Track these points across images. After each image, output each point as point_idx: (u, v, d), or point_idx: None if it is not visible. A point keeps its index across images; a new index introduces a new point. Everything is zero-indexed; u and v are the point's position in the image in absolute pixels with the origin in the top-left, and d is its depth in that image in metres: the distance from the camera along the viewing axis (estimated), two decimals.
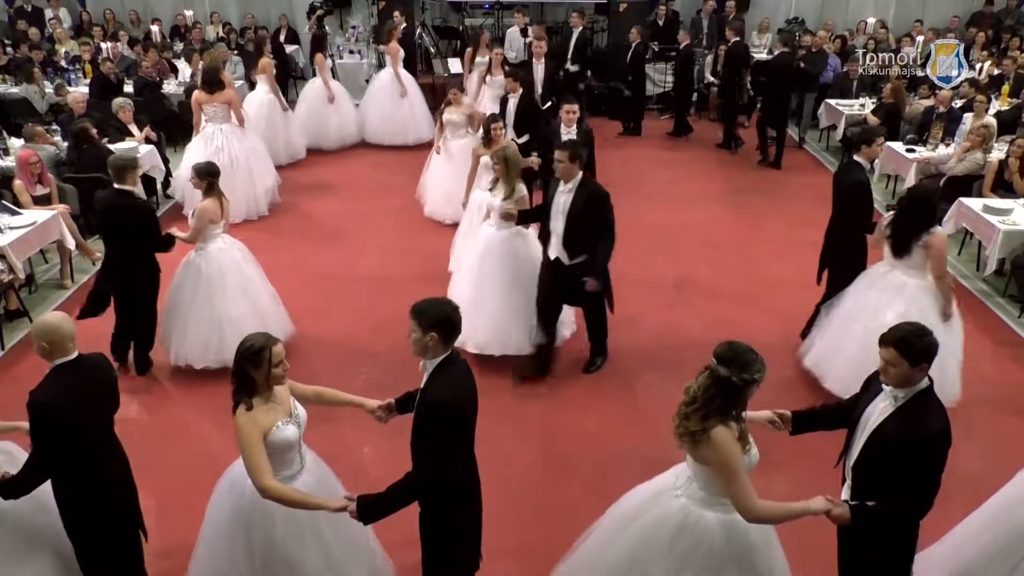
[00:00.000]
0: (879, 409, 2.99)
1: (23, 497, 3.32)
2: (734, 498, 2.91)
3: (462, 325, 3.12)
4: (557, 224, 5.17)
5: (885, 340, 2.92)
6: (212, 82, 8.19)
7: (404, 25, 11.61)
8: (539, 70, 9.57)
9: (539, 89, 9.31)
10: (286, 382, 3.25)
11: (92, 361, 3.42)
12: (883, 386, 3.00)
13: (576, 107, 6.78)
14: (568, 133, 6.57)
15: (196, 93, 8.40)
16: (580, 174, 5.12)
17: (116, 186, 5.29)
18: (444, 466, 3.08)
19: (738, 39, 10.91)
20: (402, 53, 10.73)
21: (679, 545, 3.09)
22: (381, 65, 11.59)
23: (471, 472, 3.31)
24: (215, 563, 3.39)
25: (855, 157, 5.62)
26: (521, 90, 8.12)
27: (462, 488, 3.25)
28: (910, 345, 2.86)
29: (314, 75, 11.06)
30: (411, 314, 3.08)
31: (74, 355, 3.32)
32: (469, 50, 10.76)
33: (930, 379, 2.95)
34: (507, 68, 9.42)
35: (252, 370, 3.08)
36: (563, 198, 5.12)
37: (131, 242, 5.35)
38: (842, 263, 5.64)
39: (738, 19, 12.71)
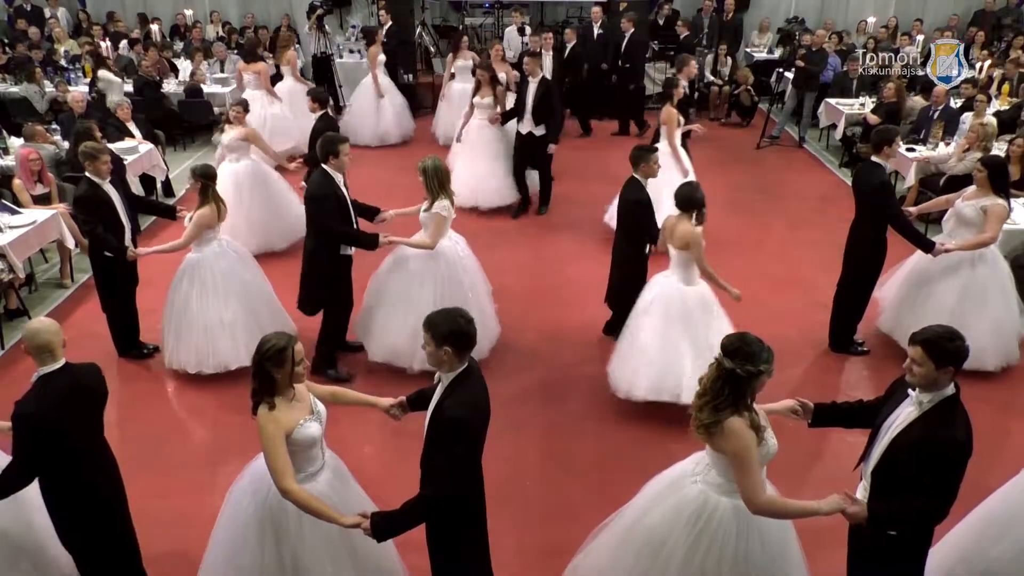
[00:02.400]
0: (904, 414, 2.99)
1: (2, 512, 3.32)
2: (741, 487, 2.95)
3: (476, 338, 3.07)
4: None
5: (914, 339, 2.93)
6: (249, 53, 10.18)
7: (390, 24, 11.53)
8: (547, 60, 9.16)
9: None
10: (305, 380, 3.25)
11: (80, 370, 3.39)
12: (908, 392, 3.01)
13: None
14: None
15: (239, 63, 10.49)
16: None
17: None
18: (458, 483, 3.06)
19: (633, 30, 10.79)
20: (382, 57, 10.61)
21: (696, 529, 3.14)
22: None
23: (479, 482, 3.30)
24: (238, 565, 3.31)
25: (874, 158, 5.51)
26: (540, 74, 7.83)
27: (470, 499, 3.24)
28: (938, 347, 2.86)
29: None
30: (424, 326, 3.05)
31: (60, 363, 3.29)
32: (450, 56, 10.49)
33: (956, 387, 2.94)
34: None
35: (274, 370, 3.05)
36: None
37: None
38: (864, 260, 5.74)
39: (736, 19, 12.70)
